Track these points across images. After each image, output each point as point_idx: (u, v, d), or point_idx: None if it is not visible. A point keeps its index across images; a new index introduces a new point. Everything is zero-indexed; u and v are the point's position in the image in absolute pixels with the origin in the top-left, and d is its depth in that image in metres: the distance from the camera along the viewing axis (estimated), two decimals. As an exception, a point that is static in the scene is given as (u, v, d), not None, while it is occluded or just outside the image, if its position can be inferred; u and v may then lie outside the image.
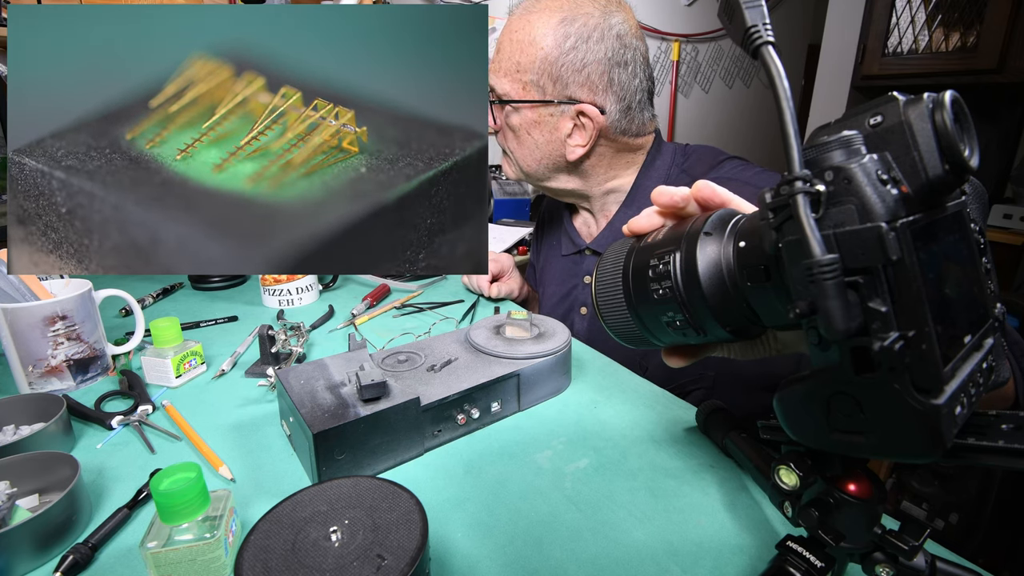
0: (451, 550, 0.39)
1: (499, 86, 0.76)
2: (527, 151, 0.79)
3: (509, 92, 0.75)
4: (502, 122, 0.80)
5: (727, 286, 0.31)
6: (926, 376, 0.22)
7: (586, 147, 0.75)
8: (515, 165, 0.83)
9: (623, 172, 0.81)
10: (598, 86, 0.72)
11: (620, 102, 0.73)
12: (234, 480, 0.46)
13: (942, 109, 0.23)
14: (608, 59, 0.71)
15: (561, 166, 0.79)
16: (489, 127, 0.81)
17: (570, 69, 0.71)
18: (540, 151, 0.78)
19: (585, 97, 0.72)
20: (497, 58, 0.76)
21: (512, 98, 0.75)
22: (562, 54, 0.70)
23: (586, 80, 0.71)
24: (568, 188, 0.82)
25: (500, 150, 0.84)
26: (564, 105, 0.73)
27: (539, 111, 0.74)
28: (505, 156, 0.85)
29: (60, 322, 0.59)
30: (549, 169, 0.80)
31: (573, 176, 0.81)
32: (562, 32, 0.70)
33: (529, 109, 0.75)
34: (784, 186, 0.23)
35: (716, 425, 0.49)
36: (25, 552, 0.37)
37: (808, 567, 0.31)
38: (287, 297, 0.90)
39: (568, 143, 0.76)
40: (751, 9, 0.25)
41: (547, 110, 0.74)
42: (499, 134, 0.82)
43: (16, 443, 0.46)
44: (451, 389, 0.51)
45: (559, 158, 0.78)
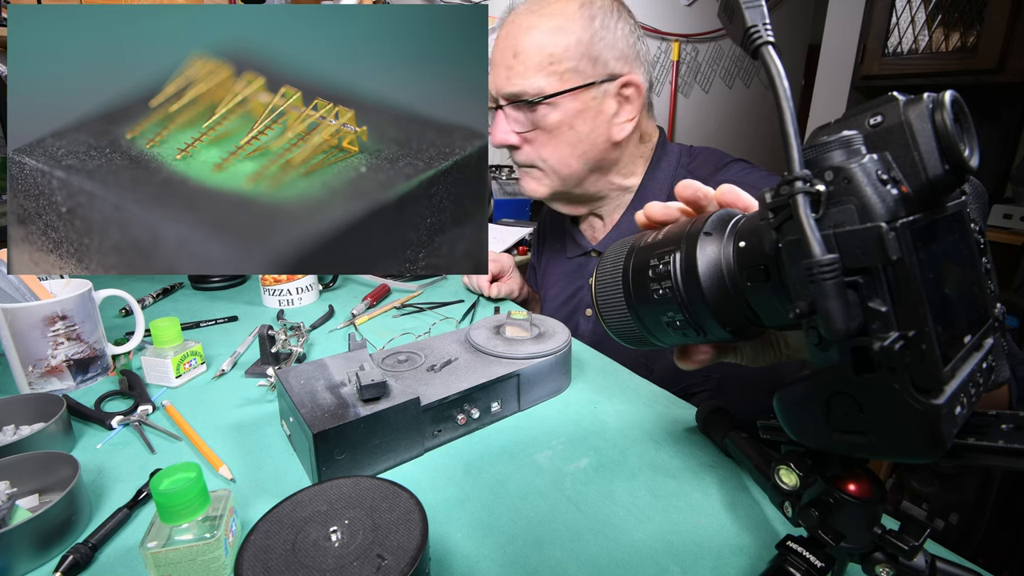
0: (451, 550, 0.39)
1: (531, 86, 0.71)
2: (568, 150, 0.75)
3: (545, 88, 0.71)
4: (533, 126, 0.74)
5: (727, 286, 0.31)
6: (926, 376, 0.22)
7: (635, 120, 0.75)
8: (551, 174, 0.78)
9: (636, 167, 0.81)
10: (630, 57, 0.74)
11: (647, 73, 0.76)
12: (234, 480, 0.46)
13: (942, 109, 0.23)
14: (632, 31, 0.74)
15: (600, 159, 0.77)
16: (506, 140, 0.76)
17: (605, 46, 0.72)
18: (584, 143, 0.75)
19: (624, 70, 0.73)
20: (516, 61, 0.72)
21: (553, 91, 0.71)
22: (594, 34, 0.71)
23: (621, 54, 0.73)
24: (593, 190, 0.81)
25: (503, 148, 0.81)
26: (606, 84, 0.73)
27: (582, 97, 0.73)
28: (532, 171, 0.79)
29: (60, 322, 0.59)
30: (588, 166, 0.77)
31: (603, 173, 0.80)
32: (587, 14, 0.71)
33: (571, 99, 0.72)
34: (784, 186, 0.23)
35: (716, 425, 0.49)
36: (25, 552, 0.37)
37: (808, 567, 0.31)
38: (287, 297, 0.90)
39: (615, 122, 0.75)
40: (751, 9, 0.25)
41: (590, 94, 0.73)
42: (521, 149, 0.77)
43: (16, 443, 0.46)
44: (451, 389, 0.51)
45: (603, 145, 0.76)
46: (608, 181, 0.81)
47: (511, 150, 0.79)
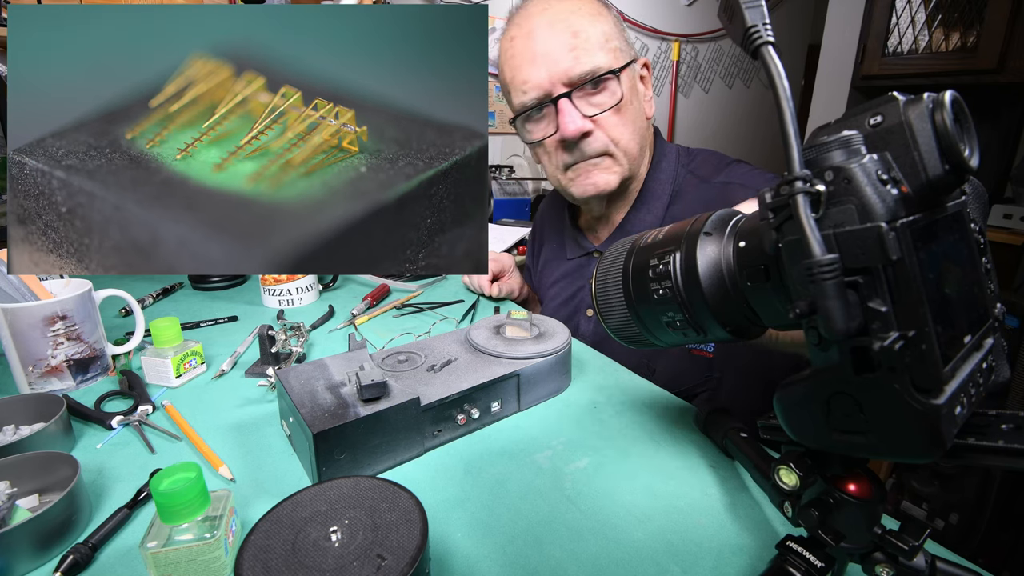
0: (451, 550, 0.39)
1: (601, 61, 0.69)
2: (631, 126, 0.74)
3: (610, 63, 0.70)
4: (599, 109, 0.71)
5: (727, 286, 0.31)
6: (926, 376, 0.22)
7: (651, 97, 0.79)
8: (621, 160, 0.75)
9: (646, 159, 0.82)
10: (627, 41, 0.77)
11: None
12: (234, 480, 0.46)
13: (942, 109, 0.23)
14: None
15: (645, 140, 0.79)
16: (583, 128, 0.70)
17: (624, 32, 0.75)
18: (639, 120, 0.76)
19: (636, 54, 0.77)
20: (579, 40, 0.69)
21: (619, 66, 0.71)
22: (616, 20, 0.75)
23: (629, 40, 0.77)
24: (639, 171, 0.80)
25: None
26: (634, 64, 0.75)
27: (628, 74, 0.73)
28: (602, 161, 0.74)
29: (60, 322, 0.59)
30: (642, 146, 0.77)
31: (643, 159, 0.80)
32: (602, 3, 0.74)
33: (627, 75, 0.73)
34: (784, 186, 0.23)
35: (716, 425, 0.49)
36: (25, 552, 0.37)
37: (808, 567, 0.31)
38: (287, 297, 0.90)
39: (645, 98, 0.78)
40: (751, 9, 0.25)
41: (633, 71, 0.75)
42: (593, 135, 0.72)
43: (16, 443, 0.46)
44: (451, 389, 0.51)
45: (645, 123, 0.78)
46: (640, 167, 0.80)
47: (579, 141, 0.73)
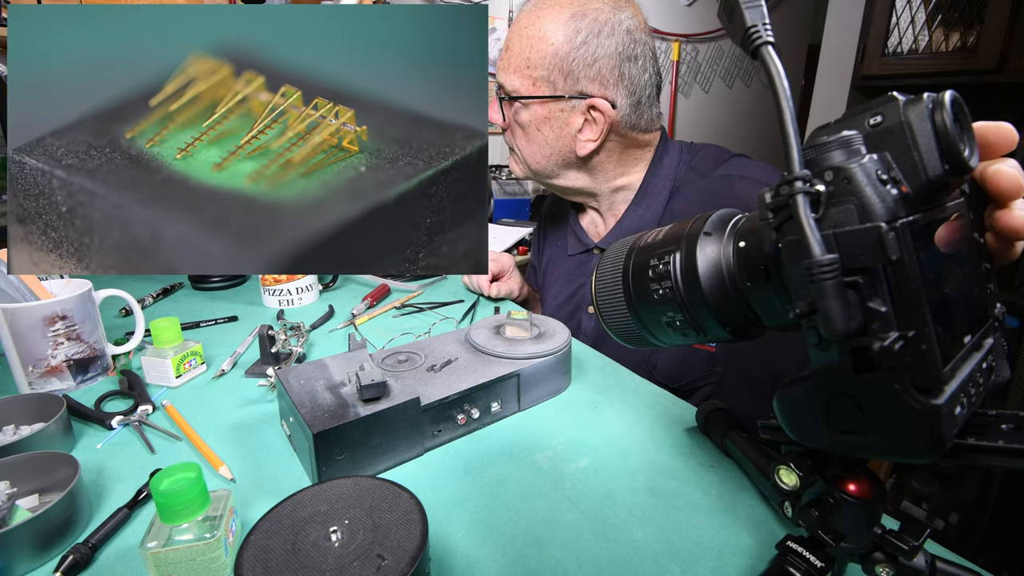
0: (451, 550, 0.39)
1: (509, 83, 0.75)
2: (536, 147, 0.78)
3: (519, 88, 0.75)
4: (511, 119, 0.79)
5: (727, 286, 0.31)
6: (926, 376, 0.22)
7: (597, 141, 0.75)
8: (522, 163, 0.82)
9: (632, 169, 0.81)
10: (609, 80, 0.72)
11: (630, 96, 0.74)
12: (234, 480, 0.46)
13: (942, 109, 0.23)
14: (619, 53, 0.71)
15: (571, 162, 0.79)
16: (497, 124, 0.80)
17: (581, 64, 0.71)
18: (549, 147, 0.77)
19: (596, 91, 0.72)
20: (507, 55, 0.76)
21: (522, 94, 0.75)
22: (573, 49, 0.70)
23: (597, 75, 0.71)
24: (577, 186, 0.82)
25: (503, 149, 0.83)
26: (575, 100, 0.73)
27: (549, 107, 0.74)
28: (512, 154, 0.84)
29: (60, 322, 0.59)
30: (558, 165, 0.80)
31: (582, 173, 0.80)
32: (573, 27, 0.70)
33: (539, 105, 0.74)
34: (784, 186, 0.23)
35: (716, 425, 0.49)
36: (25, 552, 0.37)
37: (808, 567, 0.31)
38: (287, 297, 0.90)
39: (579, 138, 0.76)
40: (751, 9, 0.25)
41: (557, 105, 0.74)
42: (507, 132, 0.82)
43: (16, 443, 0.46)
44: (451, 389, 0.51)
45: (568, 154, 0.77)
46: (591, 180, 0.81)
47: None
